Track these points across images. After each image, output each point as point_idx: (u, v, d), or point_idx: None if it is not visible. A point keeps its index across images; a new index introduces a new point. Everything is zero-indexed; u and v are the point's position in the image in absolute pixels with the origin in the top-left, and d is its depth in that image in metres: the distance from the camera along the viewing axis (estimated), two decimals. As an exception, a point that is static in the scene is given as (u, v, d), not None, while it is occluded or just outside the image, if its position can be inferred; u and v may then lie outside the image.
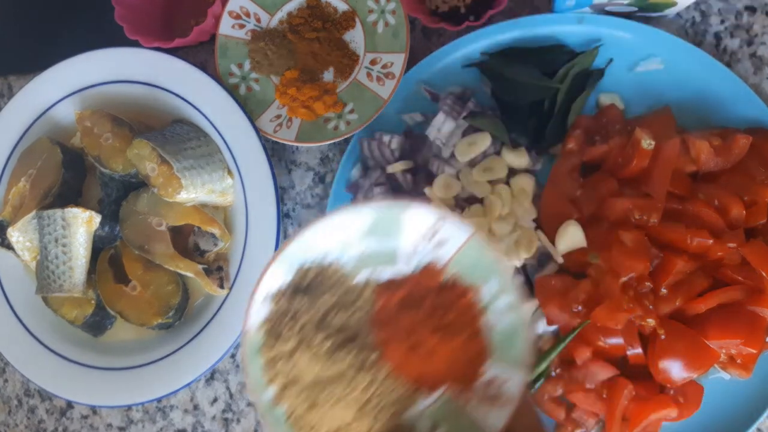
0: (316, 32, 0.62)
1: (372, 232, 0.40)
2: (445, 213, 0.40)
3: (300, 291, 0.39)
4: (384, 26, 0.60)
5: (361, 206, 0.39)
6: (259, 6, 0.64)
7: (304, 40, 0.62)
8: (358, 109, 0.60)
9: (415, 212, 0.39)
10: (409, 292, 0.41)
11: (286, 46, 0.62)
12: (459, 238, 0.40)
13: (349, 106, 0.61)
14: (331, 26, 0.62)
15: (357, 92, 0.61)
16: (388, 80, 0.60)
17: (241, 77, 0.63)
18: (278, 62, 0.62)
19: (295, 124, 0.61)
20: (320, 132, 0.61)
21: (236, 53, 0.64)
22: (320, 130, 0.61)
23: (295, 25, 0.62)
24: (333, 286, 0.40)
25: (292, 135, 0.61)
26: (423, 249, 0.41)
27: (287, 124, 0.61)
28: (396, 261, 0.41)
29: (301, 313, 0.39)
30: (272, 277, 0.38)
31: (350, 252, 0.40)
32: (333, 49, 0.62)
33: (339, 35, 0.62)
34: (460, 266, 0.41)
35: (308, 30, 0.62)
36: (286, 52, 0.62)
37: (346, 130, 0.60)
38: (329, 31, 0.62)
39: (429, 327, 0.40)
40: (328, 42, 0.62)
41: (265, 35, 0.63)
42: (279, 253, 0.39)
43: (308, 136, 0.61)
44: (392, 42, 0.60)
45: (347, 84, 0.62)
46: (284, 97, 0.62)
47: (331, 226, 0.39)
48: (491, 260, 0.40)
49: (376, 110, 0.59)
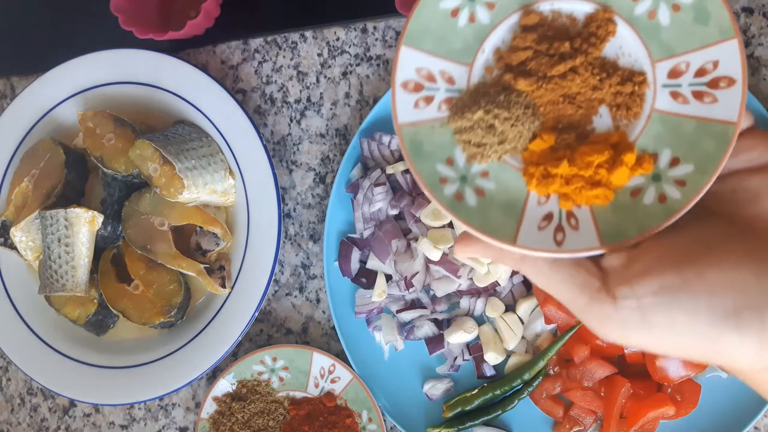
0: (562, 61, 0.38)
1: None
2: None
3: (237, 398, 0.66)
4: (672, 11, 0.36)
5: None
6: (445, 57, 0.38)
7: (544, 81, 0.38)
8: (686, 154, 0.35)
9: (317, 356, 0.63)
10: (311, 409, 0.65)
11: (517, 103, 0.38)
12: (346, 378, 0.63)
13: (665, 156, 0.36)
14: (580, 45, 0.38)
15: (667, 129, 0.37)
16: (721, 90, 0.35)
17: (459, 179, 0.37)
18: (512, 133, 0.38)
19: (584, 219, 0.36)
20: (635, 215, 0.35)
21: (436, 144, 0.38)
22: (634, 212, 0.35)
23: (519, 65, 0.39)
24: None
25: (591, 237, 0.35)
26: (324, 380, 0.64)
27: (570, 223, 0.35)
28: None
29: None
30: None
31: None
32: (597, 79, 0.38)
33: (597, 53, 0.38)
34: (347, 396, 0.64)
35: (546, 63, 0.38)
36: (520, 113, 0.37)
37: (683, 196, 0.34)
38: (581, 53, 0.38)
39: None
40: (586, 70, 0.38)
41: (472, 100, 0.38)
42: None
43: (618, 228, 0.35)
44: (699, 30, 0.36)
45: (643, 123, 0.37)
46: (545, 184, 0.37)
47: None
48: (366, 396, 0.63)
49: (725, 144, 0.34)
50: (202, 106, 0.63)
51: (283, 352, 0.65)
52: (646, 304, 0.30)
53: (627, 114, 0.37)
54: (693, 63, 0.36)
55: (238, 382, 0.66)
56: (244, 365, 0.65)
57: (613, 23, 0.37)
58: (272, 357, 0.65)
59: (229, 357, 0.68)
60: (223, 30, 0.68)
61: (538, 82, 0.36)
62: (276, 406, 0.66)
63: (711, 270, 0.30)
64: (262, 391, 0.66)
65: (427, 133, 0.37)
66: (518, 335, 0.60)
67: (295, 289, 0.68)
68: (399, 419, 0.63)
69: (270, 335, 0.68)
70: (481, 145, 0.36)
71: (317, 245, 0.67)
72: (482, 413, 0.61)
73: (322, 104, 0.67)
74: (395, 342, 0.63)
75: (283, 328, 0.68)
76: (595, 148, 0.36)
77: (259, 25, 0.69)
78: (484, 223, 0.35)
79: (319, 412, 0.65)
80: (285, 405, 0.66)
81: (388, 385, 0.64)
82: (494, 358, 0.61)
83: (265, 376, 0.66)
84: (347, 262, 0.63)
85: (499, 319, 0.61)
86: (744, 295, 0.29)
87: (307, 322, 0.68)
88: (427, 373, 0.64)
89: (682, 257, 0.31)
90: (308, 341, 0.68)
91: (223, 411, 0.66)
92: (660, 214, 0.33)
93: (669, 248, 0.32)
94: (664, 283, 0.30)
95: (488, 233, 0.34)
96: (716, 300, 0.29)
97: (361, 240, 0.63)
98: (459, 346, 0.62)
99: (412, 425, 0.63)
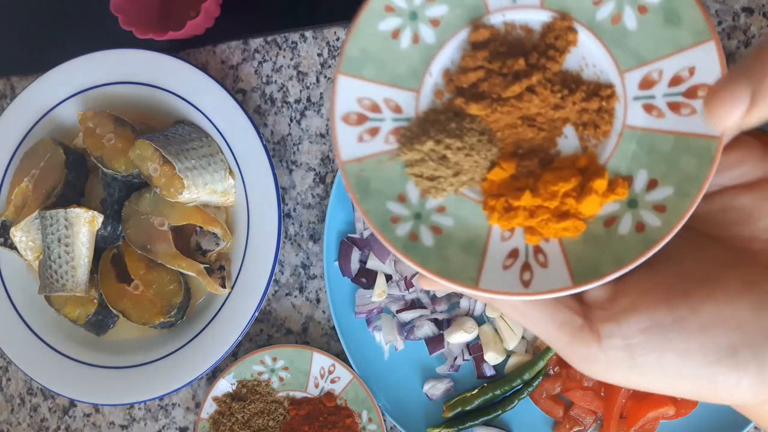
0: (517, 81, 0.33)
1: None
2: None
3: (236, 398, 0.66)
4: (638, 13, 0.32)
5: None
6: (389, 84, 0.34)
7: (498, 104, 0.33)
8: (665, 175, 0.30)
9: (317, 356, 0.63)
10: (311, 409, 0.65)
11: (470, 130, 0.33)
12: (346, 378, 0.64)
13: (641, 178, 0.31)
14: (537, 60, 0.34)
15: (642, 148, 0.32)
16: (700, 100, 0.30)
17: (413, 217, 0.33)
18: (468, 164, 0.33)
19: (553, 255, 0.31)
20: (611, 247, 0.30)
21: (386, 180, 0.34)
22: (609, 244, 0.30)
23: (471, 87, 0.34)
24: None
25: (563, 275, 0.30)
26: (323, 381, 0.64)
27: (538, 260, 0.31)
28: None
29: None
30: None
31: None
32: (558, 97, 0.33)
33: (556, 68, 0.33)
34: (347, 397, 0.64)
35: (500, 84, 0.33)
36: (475, 141, 0.33)
37: (663, 223, 0.30)
38: (539, 69, 0.33)
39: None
40: (545, 88, 0.33)
41: (422, 130, 0.34)
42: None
43: (592, 263, 0.30)
44: (671, 33, 0.31)
45: (614, 142, 0.32)
46: (508, 218, 0.32)
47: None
48: (366, 396, 0.63)
49: (708, 161, 0.29)
50: (202, 106, 0.63)
51: (283, 352, 0.65)
52: (634, 344, 0.27)
53: (595, 133, 0.32)
54: (666, 71, 0.31)
55: (238, 382, 0.66)
56: (244, 365, 0.65)
57: (573, 32, 0.33)
58: (272, 357, 0.65)
59: (229, 357, 0.68)
60: (223, 30, 0.68)
61: (492, 105, 0.33)
62: (276, 406, 0.66)
63: (705, 305, 0.27)
64: (262, 391, 0.66)
65: (375, 169, 0.33)
66: (518, 335, 0.60)
67: (295, 289, 0.68)
68: (399, 419, 0.63)
69: (270, 335, 0.68)
70: (435, 178, 0.32)
71: (317, 245, 0.67)
72: (482, 413, 0.61)
73: (322, 104, 0.67)
74: (395, 342, 0.63)
75: (283, 328, 0.68)
76: (560, 174, 0.31)
77: (259, 25, 0.69)
78: (443, 265, 0.31)
79: (319, 412, 0.65)
80: (285, 405, 0.66)
81: (388, 385, 0.64)
82: (494, 358, 0.61)
83: (265, 376, 0.66)
84: (347, 262, 0.63)
85: (499, 319, 0.61)
86: (740, 332, 0.26)
87: (307, 322, 0.68)
88: (427, 373, 0.64)
89: (672, 290, 0.28)
90: (308, 341, 0.68)
91: (223, 411, 0.66)
92: (638, 245, 0.29)
93: (657, 279, 0.29)
94: (653, 320, 0.27)
95: (448, 277, 0.31)
96: (711, 338, 0.26)
97: (361, 240, 0.63)
98: (459, 346, 0.62)
99: (412, 425, 0.63)
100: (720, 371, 0.26)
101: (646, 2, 0.31)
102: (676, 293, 0.28)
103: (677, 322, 0.27)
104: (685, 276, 0.28)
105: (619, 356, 0.28)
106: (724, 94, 0.26)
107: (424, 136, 0.33)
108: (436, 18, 0.34)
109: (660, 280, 0.29)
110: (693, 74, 0.30)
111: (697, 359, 0.26)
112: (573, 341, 0.29)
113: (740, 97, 0.26)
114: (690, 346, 0.27)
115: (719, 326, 0.26)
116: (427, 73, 0.34)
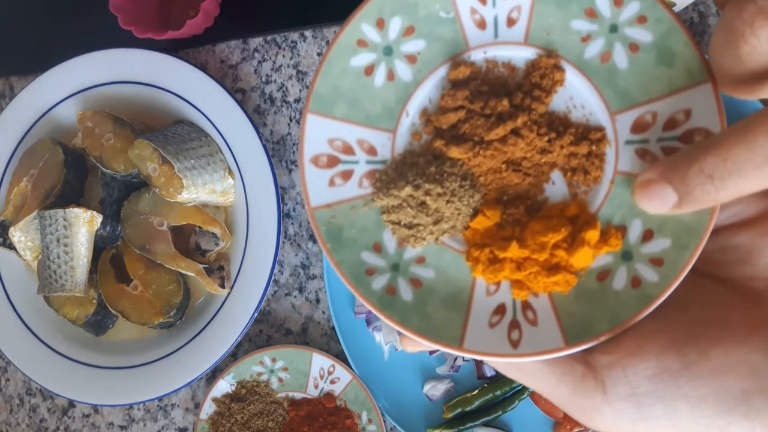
0: (500, 123, 0.31)
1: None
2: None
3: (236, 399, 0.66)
4: (630, 51, 0.30)
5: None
6: (362, 124, 0.32)
7: (481, 147, 0.31)
8: (661, 225, 0.28)
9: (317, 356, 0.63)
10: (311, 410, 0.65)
11: (451, 175, 0.31)
12: (346, 378, 0.63)
13: (636, 228, 0.29)
14: (522, 100, 0.31)
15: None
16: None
17: (390, 268, 0.30)
18: (448, 211, 0.31)
19: (543, 311, 0.29)
20: (605, 304, 0.28)
21: (360, 228, 0.31)
22: (603, 301, 0.28)
23: (451, 129, 0.31)
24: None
25: (554, 334, 0.28)
26: (323, 381, 0.64)
27: (527, 317, 0.29)
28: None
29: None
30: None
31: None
32: (545, 140, 0.31)
33: (542, 109, 0.31)
34: (347, 397, 0.64)
35: (482, 125, 0.31)
36: (456, 186, 0.30)
37: (661, 278, 0.28)
38: (524, 111, 0.31)
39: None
40: (530, 131, 0.31)
41: (399, 173, 0.31)
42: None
43: (585, 321, 0.28)
44: (664, 73, 0.29)
45: (605, 189, 0.30)
46: (493, 270, 0.30)
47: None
48: (366, 397, 0.62)
49: (707, 211, 0.27)
50: (201, 105, 0.63)
51: (282, 353, 0.65)
52: (641, 393, 0.26)
53: (585, 179, 0.30)
54: (661, 113, 0.29)
55: (238, 382, 0.66)
56: (243, 366, 0.65)
57: (560, 70, 0.30)
58: (272, 357, 0.65)
59: (228, 357, 0.68)
60: (222, 29, 0.67)
61: (474, 148, 0.30)
62: (275, 407, 0.66)
63: (715, 349, 0.25)
64: (262, 391, 0.66)
65: (348, 216, 0.30)
66: (518, 336, 0.60)
67: (294, 289, 0.68)
68: (399, 420, 0.63)
69: (269, 336, 0.68)
70: (413, 226, 0.30)
71: (317, 245, 0.67)
72: (483, 414, 0.61)
73: (321, 104, 0.67)
74: (395, 342, 0.63)
75: (282, 329, 0.68)
76: (549, 224, 0.29)
77: (258, 25, 0.69)
78: (424, 323, 0.29)
79: (319, 413, 0.65)
80: (284, 406, 0.66)
81: (388, 386, 0.63)
82: (494, 358, 0.61)
83: (264, 376, 0.66)
84: (347, 262, 0.62)
85: (499, 319, 0.61)
86: (753, 378, 0.25)
87: (306, 322, 0.67)
88: (427, 373, 0.64)
89: (678, 333, 0.26)
90: (308, 342, 0.67)
91: (222, 412, 0.66)
92: (634, 302, 0.27)
93: (661, 322, 0.27)
94: (662, 366, 0.26)
95: (429, 336, 0.28)
96: (723, 385, 0.25)
97: (361, 240, 0.63)
98: (459, 346, 0.62)
99: (413, 426, 0.63)
100: (734, 420, 0.25)
101: (637, 40, 0.29)
102: (683, 336, 0.26)
103: (687, 368, 0.25)
104: (691, 318, 0.27)
105: (625, 407, 0.26)
106: (651, 191, 0.26)
107: (402, 181, 0.30)
108: (412, 54, 0.31)
109: (665, 323, 0.27)
110: (689, 118, 0.28)
111: (710, 408, 0.25)
112: (575, 393, 0.27)
113: (668, 200, 0.25)
114: (702, 393, 0.25)
115: (731, 371, 0.25)
116: (404, 112, 0.31)
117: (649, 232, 0.28)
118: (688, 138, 0.28)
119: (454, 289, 0.30)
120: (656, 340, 0.26)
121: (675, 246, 0.27)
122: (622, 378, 0.26)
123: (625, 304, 0.27)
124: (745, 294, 0.27)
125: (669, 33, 0.29)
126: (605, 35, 0.30)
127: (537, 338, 0.28)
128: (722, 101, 0.28)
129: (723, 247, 0.29)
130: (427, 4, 0.31)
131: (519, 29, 0.31)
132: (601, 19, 0.30)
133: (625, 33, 0.29)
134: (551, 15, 0.30)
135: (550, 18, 0.30)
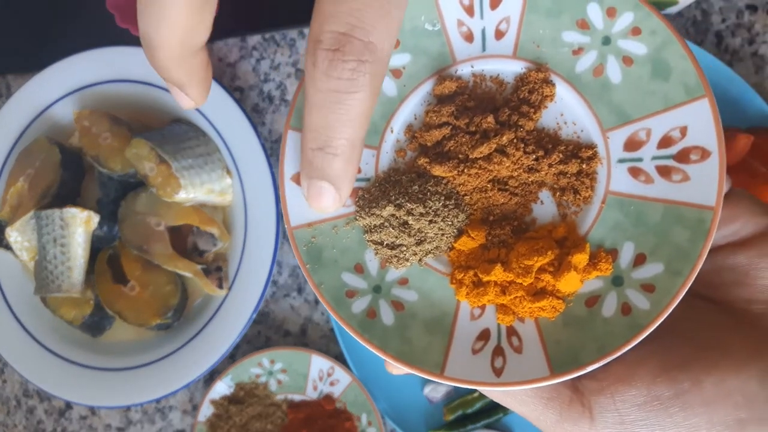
0: (485, 141, 0.29)
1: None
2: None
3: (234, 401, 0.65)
4: (623, 65, 0.28)
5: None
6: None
7: (466, 165, 0.30)
8: (654, 249, 0.27)
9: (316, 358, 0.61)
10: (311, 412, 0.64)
11: (435, 194, 0.29)
12: (345, 380, 0.62)
13: (627, 252, 0.27)
14: (508, 116, 0.30)
15: (628, 217, 0.28)
16: (693, 165, 0.27)
17: (371, 290, 0.29)
18: (432, 231, 0.29)
19: (528, 338, 0.28)
20: (593, 331, 0.27)
21: (341, 249, 0.30)
22: (592, 328, 0.27)
23: (435, 146, 0.30)
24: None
25: (539, 363, 0.27)
26: (322, 383, 0.62)
27: (512, 344, 0.28)
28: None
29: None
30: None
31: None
32: (533, 158, 0.30)
33: (530, 125, 0.30)
34: (347, 400, 0.63)
35: (467, 143, 0.30)
36: (440, 206, 0.29)
37: (652, 305, 0.26)
38: (511, 127, 0.30)
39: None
40: (517, 149, 0.29)
41: (382, 192, 0.30)
42: None
43: (573, 349, 0.27)
44: (659, 87, 0.28)
45: (596, 210, 0.29)
46: (477, 293, 0.28)
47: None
48: (365, 399, 0.61)
49: (702, 235, 0.26)
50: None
51: (281, 355, 0.64)
52: (630, 421, 0.25)
53: (575, 199, 0.28)
54: (655, 130, 0.27)
55: (236, 384, 0.66)
56: (241, 368, 0.65)
57: (550, 85, 0.29)
58: (270, 359, 0.65)
59: (226, 359, 0.68)
60: (220, 27, 0.67)
61: (458, 166, 0.29)
62: (274, 409, 0.66)
63: (709, 376, 0.24)
64: (260, 393, 0.66)
65: (329, 235, 0.29)
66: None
67: (293, 290, 0.67)
68: (399, 422, 0.62)
69: (268, 337, 0.68)
70: (396, 246, 0.29)
71: (316, 246, 0.66)
72: (484, 416, 0.61)
73: (320, 103, 0.66)
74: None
75: (281, 330, 0.67)
76: (534, 247, 0.28)
77: (256, 23, 0.68)
78: (405, 347, 0.28)
79: (318, 415, 0.64)
80: (283, 408, 0.66)
81: (387, 388, 0.63)
82: (495, 360, 0.60)
83: (263, 378, 0.65)
84: (346, 262, 0.62)
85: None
86: (749, 407, 0.24)
87: (305, 323, 0.67)
88: (428, 375, 0.63)
89: (672, 359, 0.25)
90: (307, 343, 0.67)
91: (220, 414, 0.66)
92: (624, 330, 0.26)
93: (655, 346, 0.26)
94: (652, 394, 0.25)
95: (409, 362, 0.27)
96: (716, 414, 0.24)
97: (361, 240, 0.62)
98: (459, 347, 0.62)
99: (413, 429, 0.62)
100: None
101: (631, 53, 0.28)
102: (675, 362, 0.25)
103: (679, 396, 0.24)
104: (685, 343, 0.26)
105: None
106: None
107: (384, 200, 0.29)
108: (397, 68, 0.30)
109: (657, 347, 0.26)
110: (685, 135, 0.27)
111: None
112: (562, 419, 0.26)
113: (325, 190, 0.27)
114: (694, 422, 0.24)
115: (725, 400, 0.24)
116: (388, 128, 0.30)
117: (641, 256, 0.27)
118: (683, 156, 0.27)
119: (438, 313, 0.28)
120: (647, 365, 0.25)
121: (668, 271, 0.26)
122: (610, 405, 0.25)
123: (613, 333, 0.26)
124: (742, 317, 0.26)
125: (664, 45, 0.27)
126: (598, 48, 0.29)
127: (521, 367, 0.27)
128: (720, 117, 0.27)
129: (720, 267, 0.27)
130: (412, 17, 0.30)
131: (508, 42, 0.30)
132: (593, 30, 0.29)
133: (618, 45, 0.28)
134: (541, 26, 0.29)
135: (540, 29, 0.29)
